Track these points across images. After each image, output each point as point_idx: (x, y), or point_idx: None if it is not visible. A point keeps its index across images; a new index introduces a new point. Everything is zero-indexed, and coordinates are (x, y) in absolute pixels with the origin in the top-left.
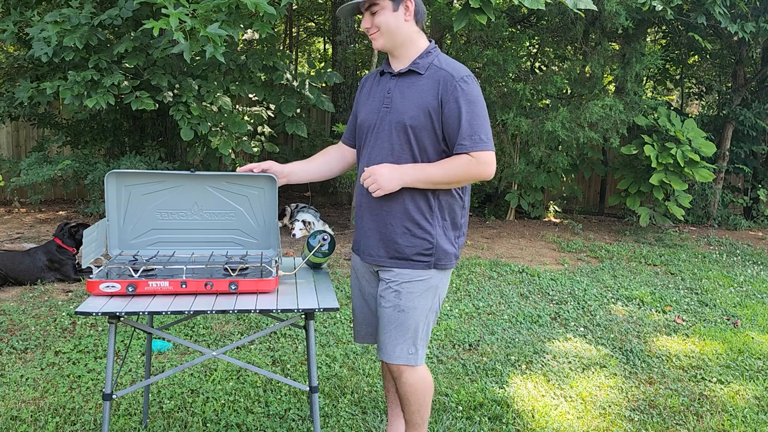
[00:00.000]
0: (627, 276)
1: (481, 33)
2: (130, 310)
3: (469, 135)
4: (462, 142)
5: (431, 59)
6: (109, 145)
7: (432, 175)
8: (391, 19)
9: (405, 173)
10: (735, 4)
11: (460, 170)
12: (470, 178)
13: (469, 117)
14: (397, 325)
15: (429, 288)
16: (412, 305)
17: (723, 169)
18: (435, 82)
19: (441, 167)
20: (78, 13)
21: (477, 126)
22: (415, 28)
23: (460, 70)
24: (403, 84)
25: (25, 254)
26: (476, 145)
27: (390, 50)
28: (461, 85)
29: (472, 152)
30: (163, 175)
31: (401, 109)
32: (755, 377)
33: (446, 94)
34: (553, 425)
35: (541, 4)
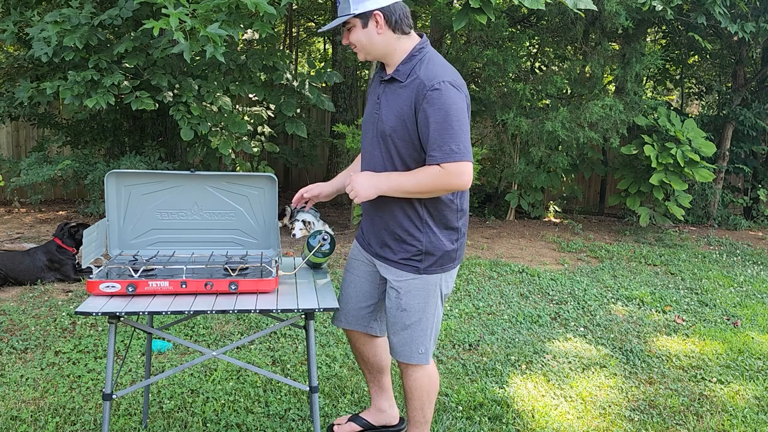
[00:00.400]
0: (627, 276)
1: (481, 33)
2: (130, 310)
3: (439, 146)
4: (432, 153)
5: (414, 64)
6: (109, 145)
7: (403, 185)
8: (363, 36)
9: (380, 182)
10: (735, 4)
11: (429, 181)
12: (441, 189)
13: (438, 127)
14: (402, 324)
15: (428, 287)
16: (412, 304)
17: (723, 169)
18: (411, 91)
19: (413, 177)
20: (78, 13)
21: (447, 136)
22: (393, 36)
23: (433, 77)
24: (388, 91)
25: (25, 254)
26: (446, 156)
27: (375, 60)
28: (430, 93)
29: (442, 164)
30: (163, 175)
31: (384, 117)
32: (755, 377)
33: (418, 103)
34: (553, 425)
35: (541, 4)
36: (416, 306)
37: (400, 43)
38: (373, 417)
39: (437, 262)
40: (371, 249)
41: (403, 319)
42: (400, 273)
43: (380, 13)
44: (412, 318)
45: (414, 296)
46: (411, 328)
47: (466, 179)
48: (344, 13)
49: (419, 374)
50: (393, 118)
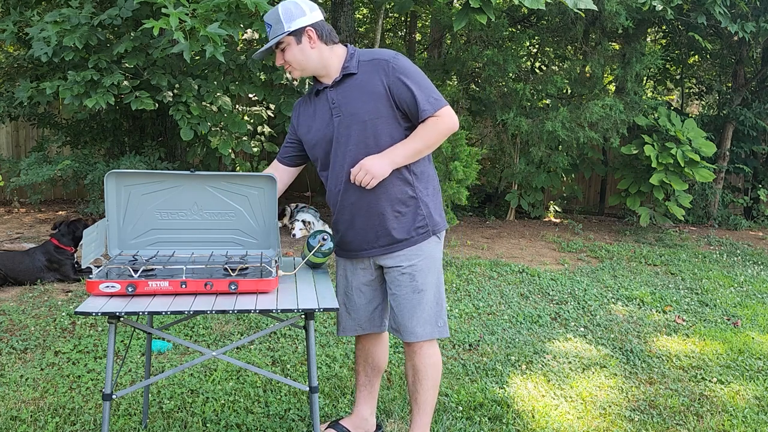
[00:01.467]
0: (627, 276)
1: (481, 33)
2: (129, 310)
3: (426, 100)
4: (423, 108)
5: (357, 57)
6: (109, 145)
7: (415, 147)
8: (298, 54)
9: (392, 155)
10: (735, 3)
11: (434, 131)
12: (443, 134)
13: (418, 86)
14: (420, 305)
15: (433, 261)
16: (426, 282)
17: (723, 169)
18: (372, 72)
19: (419, 137)
20: (78, 13)
21: (427, 90)
22: (326, 48)
23: (387, 53)
24: (343, 89)
25: (25, 254)
26: (435, 105)
27: (311, 75)
28: (395, 63)
29: (436, 112)
30: (163, 175)
31: (352, 109)
32: (755, 377)
33: (388, 77)
34: (553, 425)
35: (541, 3)
36: (430, 282)
37: (333, 52)
38: (354, 424)
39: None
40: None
41: (421, 299)
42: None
43: (312, 29)
44: (428, 295)
45: (426, 273)
46: (429, 305)
47: (455, 118)
48: (278, 34)
49: (433, 350)
50: (368, 102)
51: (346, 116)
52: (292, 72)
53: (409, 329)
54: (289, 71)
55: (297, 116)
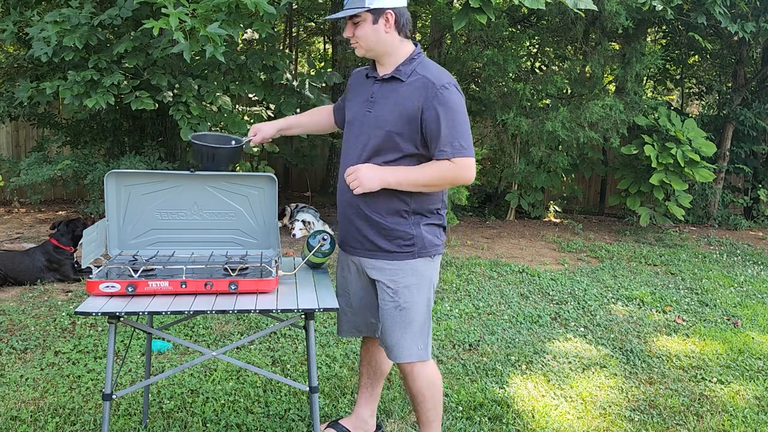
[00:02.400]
0: (627, 276)
1: (481, 33)
2: (129, 310)
3: (449, 142)
4: (443, 149)
5: (414, 65)
6: (109, 145)
7: (412, 178)
8: (370, 32)
9: (386, 175)
10: (735, 3)
11: (440, 175)
12: (450, 182)
13: (449, 124)
14: (402, 324)
15: (421, 279)
16: (411, 301)
17: (723, 169)
18: (416, 89)
19: (423, 172)
20: (78, 13)
21: (457, 133)
22: (398, 38)
23: (441, 77)
24: (385, 89)
25: (25, 254)
26: (456, 151)
27: (372, 58)
28: (442, 92)
29: (453, 158)
30: (163, 175)
31: (381, 114)
32: (755, 377)
33: (427, 101)
34: (553, 425)
35: (541, 3)
36: (415, 302)
37: (401, 45)
38: (353, 425)
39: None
40: (354, 249)
41: (403, 317)
42: (394, 264)
43: (392, 13)
44: (410, 315)
45: (412, 291)
46: (410, 325)
47: (472, 173)
48: (357, 5)
49: (424, 372)
50: (393, 114)
51: (373, 117)
52: (356, 48)
53: (389, 346)
54: (354, 46)
55: (350, 82)
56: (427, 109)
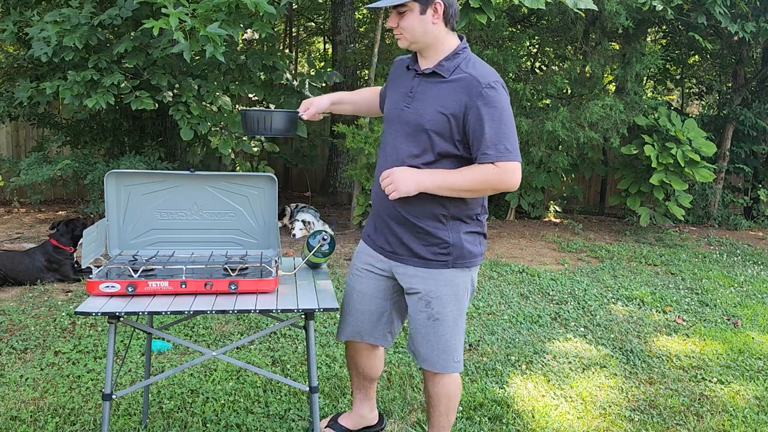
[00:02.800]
0: (627, 276)
1: (481, 33)
2: (129, 310)
3: (494, 144)
4: (486, 152)
5: (458, 61)
6: (109, 145)
7: (453, 183)
8: (417, 23)
9: (424, 179)
10: (735, 3)
11: (483, 179)
12: (493, 188)
13: (494, 125)
14: (435, 335)
15: (456, 290)
16: (444, 312)
17: (723, 169)
18: (459, 87)
19: (463, 175)
20: (78, 13)
21: (502, 135)
22: (444, 29)
23: (487, 75)
24: (426, 85)
25: (25, 254)
26: (501, 155)
27: (415, 50)
28: (487, 91)
29: (497, 162)
30: (163, 175)
31: (421, 111)
32: (755, 377)
33: (470, 101)
34: (553, 425)
35: (542, 3)
36: (449, 313)
37: (447, 38)
38: (353, 422)
39: (468, 255)
40: (385, 251)
41: (437, 328)
42: (427, 272)
43: (441, 2)
44: (446, 326)
45: (446, 302)
46: (446, 336)
47: (517, 178)
48: None
49: (448, 381)
50: (433, 112)
51: (412, 112)
52: (399, 40)
53: (422, 355)
54: (398, 37)
55: (391, 72)
56: (470, 109)
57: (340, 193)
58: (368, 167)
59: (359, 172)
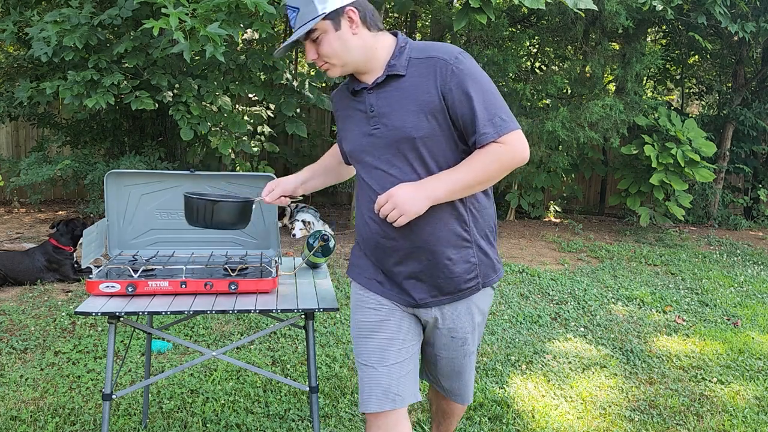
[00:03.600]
0: (627, 276)
1: (481, 33)
2: (129, 310)
3: (489, 120)
4: (484, 131)
5: (408, 54)
6: (109, 145)
7: (463, 180)
8: (337, 43)
9: (431, 188)
10: (735, 4)
11: (493, 163)
12: (506, 167)
13: (480, 99)
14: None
15: (484, 318)
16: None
17: (723, 169)
18: (426, 76)
19: (470, 168)
20: (78, 13)
21: (492, 107)
22: (369, 35)
23: (449, 50)
24: (385, 94)
25: (24, 254)
26: (501, 129)
27: (353, 72)
28: (458, 66)
29: (500, 138)
30: (163, 175)
31: (397, 122)
32: (755, 377)
33: (445, 83)
34: (553, 425)
35: (542, 3)
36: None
37: (379, 40)
38: None
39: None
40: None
41: (471, 362)
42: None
43: (353, 9)
44: (474, 357)
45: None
46: (472, 366)
47: (525, 146)
48: (310, 18)
49: None
50: (411, 116)
51: (389, 129)
52: (329, 70)
53: (455, 392)
54: (325, 69)
55: (336, 110)
56: (449, 93)
57: (340, 193)
58: None
59: None
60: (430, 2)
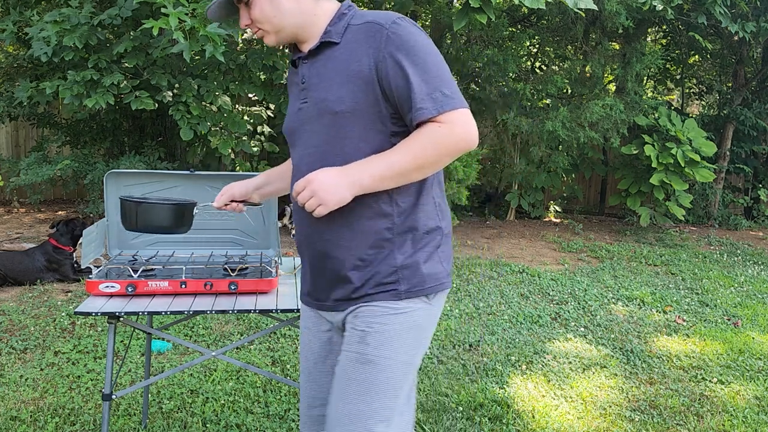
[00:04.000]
0: (627, 276)
1: (482, 32)
2: (129, 310)
3: (428, 94)
4: (421, 106)
5: (348, 20)
6: (109, 145)
7: (396, 165)
8: (269, 7)
9: (357, 174)
10: (735, 3)
11: (430, 146)
12: (447, 152)
13: (419, 70)
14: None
15: (411, 326)
16: (381, 355)
17: (723, 169)
18: (359, 42)
19: (405, 150)
20: (77, 13)
21: (434, 79)
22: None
23: (387, 16)
24: (318, 63)
25: (24, 254)
26: (442, 105)
27: (291, 40)
28: (395, 30)
29: (439, 116)
30: (163, 175)
31: (322, 94)
32: (756, 377)
33: (378, 52)
34: (553, 425)
35: (542, 3)
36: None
37: (320, 5)
38: None
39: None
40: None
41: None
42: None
43: None
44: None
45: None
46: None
47: (473, 129)
48: None
49: None
50: (337, 87)
51: (313, 103)
52: (264, 37)
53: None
54: (260, 36)
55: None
56: (383, 63)
57: None
58: None
59: None
60: (430, 2)
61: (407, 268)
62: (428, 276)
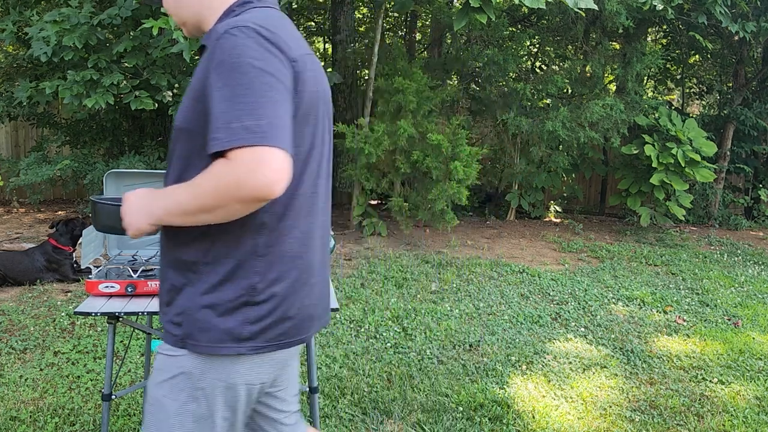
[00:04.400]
0: (628, 276)
1: (482, 32)
2: (129, 310)
3: (226, 122)
4: (215, 135)
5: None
6: (108, 145)
7: (179, 202)
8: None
9: (153, 203)
10: (736, 3)
11: (211, 185)
12: (229, 194)
13: (228, 94)
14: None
15: (180, 372)
16: (154, 393)
17: (724, 168)
18: (206, 53)
19: (191, 187)
20: (77, 13)
21: (241, 106)
22: None
23: (228, 24)
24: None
25: (24, 254)
26: (232, 136)
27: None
28: (220, 44)
29: (230, 151)
30: (162, 175)
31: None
32: (756, 377)
33: (207, 66)
34: (553, 426)
35: (542, 3)
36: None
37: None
38: None
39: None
40: None
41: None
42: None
43: None
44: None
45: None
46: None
47: (265, 175)
48: None
49: None
50: (185, 101)
51: None
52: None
53: None
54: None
55: None
56: (207, 79)
57: (340, 193)
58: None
59: (359, 172)
60: (430, 2)
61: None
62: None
